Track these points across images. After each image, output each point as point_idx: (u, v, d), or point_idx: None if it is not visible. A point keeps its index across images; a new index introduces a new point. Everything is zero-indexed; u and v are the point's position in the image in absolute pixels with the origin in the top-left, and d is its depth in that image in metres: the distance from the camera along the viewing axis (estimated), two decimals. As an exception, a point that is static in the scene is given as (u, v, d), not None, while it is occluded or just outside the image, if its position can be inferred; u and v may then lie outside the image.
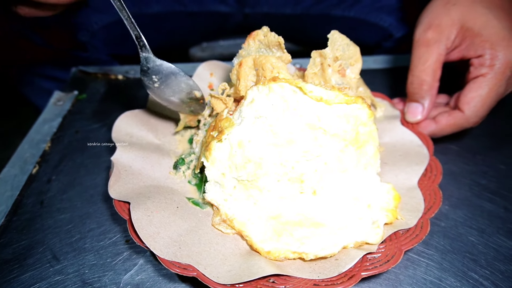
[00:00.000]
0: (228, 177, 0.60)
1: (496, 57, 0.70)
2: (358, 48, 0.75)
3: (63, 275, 0.59)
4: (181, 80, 0.68)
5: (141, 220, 0.56)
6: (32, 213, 0.69)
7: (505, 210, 0.69)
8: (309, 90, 0.60)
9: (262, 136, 0.59)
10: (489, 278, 0.59)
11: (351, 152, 0.62)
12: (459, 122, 0.74)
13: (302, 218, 0.61)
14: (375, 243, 0.57)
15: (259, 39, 0.72)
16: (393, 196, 0.63)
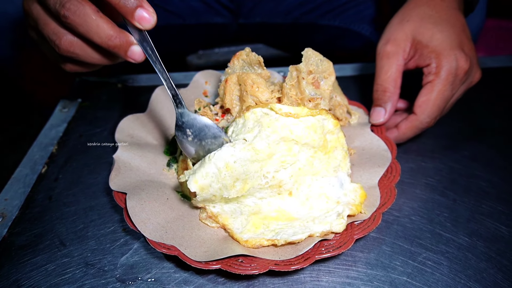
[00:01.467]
0: (218, 198, 0.68)
1: (440, 65, 0.80)
2: (331, 63, 0.84)
3: (69, 257, 0.70)
4: (213, 132, 0.70)
5: (134, 208, 0.67)
6: (42, 206, 0.80)
7: (454, 202, 0.79)
8: (279, 109, 0.69)
9: (246, 155, 0.67)
10: (432, 258, 0.68)
11: (321, 157, 0.72)
12: (414, 124, 0.83)
13: (279, 214, 0.70)
14: (339, 231, 0.67)
15: (242, 59, 0.83)
16: (360, 194, 0.72)
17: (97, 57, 0.71)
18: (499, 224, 0.74)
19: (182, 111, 0.71)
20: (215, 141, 0.71)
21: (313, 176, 0.72)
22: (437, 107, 0.81)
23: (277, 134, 0.68)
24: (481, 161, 0.88)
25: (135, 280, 0.66)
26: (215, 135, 0.70)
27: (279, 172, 0.69)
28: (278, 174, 0.69)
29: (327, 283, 0.65)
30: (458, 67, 0.80)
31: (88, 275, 0.67)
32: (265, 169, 0.68)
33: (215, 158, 0.66)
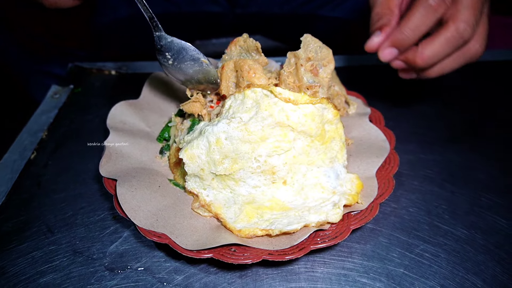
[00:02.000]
0: (206, 172, 0.67)
1: None
2: (331, 51, 0.82)
3: (56, 245, 0.68)
4: (191, 54, 0.71)
5: (125, 195, 0.65)
6: (30, 193, 0.77)
7: (452, 194, 0.77)
8: (279, 93, 0.67)
9: (238, 134, 0.66)
10: (430, 250, 0.67)
11: (317, 146, 0.70)
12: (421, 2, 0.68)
13: (273, 204, 0.69)
14: (335, 221, 0.65)
15: (239, 45, 0.81)
16: (356, 184, 0.70)
17: None
18: (498, 217, 0.72)
19: (160, 34, 0.71)
20: (194, 63, 0.72)
21: (309, 166, 0.70)
22: None
23: (273, 118, 0.66)
24: (481, 154, 0.86)
25: (124, 269, 0.64)
26: (193, 57, 0.71)
27: (272, 157, 0.67)
28: (271, 160, 0.67)
29: (322, 274, 0.63)
30: None
31: (76, 263, 0.65)
32: (257, 152, 0.66)
33: (207, 133, 0.66)
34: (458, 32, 0.69)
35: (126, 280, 0.62)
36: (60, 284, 0.62)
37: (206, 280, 0.62)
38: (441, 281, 0.62)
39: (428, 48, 0.70)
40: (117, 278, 0.62)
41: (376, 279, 0.62)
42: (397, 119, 0.96)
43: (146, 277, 0.62)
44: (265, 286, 0.61)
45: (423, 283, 0.62)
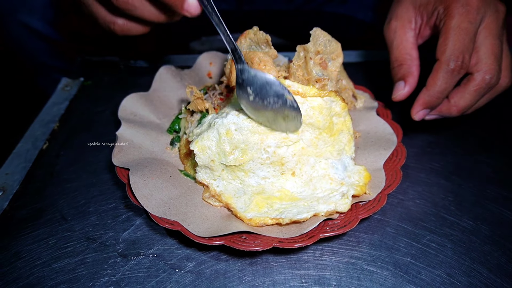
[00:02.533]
0: (217, 163, 0.69)
1: (447, 5, 0.74)
2: (340, 44, 0.83)
3: (70, 232, 0.69)
4: (276, 89, 0.63)
5: (137, 183, 0.66)
6: (43, 182, 0.79)
7: (458, 186, 0.78)
8: (288, 85, 0.68)
9: (247, 125, 0.67)
10: (436, 240, 0.68)
11: (325, 138, 0.71)
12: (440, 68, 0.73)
13: (282, 194, 0.70)
14: (344, 211, 0.66)
15: (249, 37, 0.82)
16: (364, 176, 0.71)
17: (154, 12, 0.69)
18: (503, 208, 0.73)
19: (242, 67, 0.65)
20: (278, 99, 0.63)
21: (317, 158, 0.71)
22: (457, 41, 0.71)
23: None
24: (486, 148, 0.87)
25: (137, 256, 0.65)
26: (278, 93, 0.63)
27: (281, 148, 0.68)
28: (280, 151, 0.68)
29: (330, 262, 0.64)
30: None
31: (89, 249, 0.66)
32: (266, 143, 0.67)
33: (217, 124, 0.67)
34: (485, 82, 0.73)
35: (138, 266, 0.64)
36: (74, 269, 0.63)
37: (217, 267, 0.64)
38: (447, 270, 0.63)
39: (461, 100, 0.76)
40: (129, 264, 0.64)
41: (384, 268, 0.63)
42: (404, 113, 0.97)
43: (158, 264, 0.64)
44: (275, 273, 0.63)
45: (429, 271, 0.63)
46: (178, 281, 0.61)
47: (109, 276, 0.62)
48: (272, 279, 0.62)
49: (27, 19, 1.30)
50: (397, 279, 0.62)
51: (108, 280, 0.62)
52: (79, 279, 0.62)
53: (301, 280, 0.62)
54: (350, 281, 0.62)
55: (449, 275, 0.62)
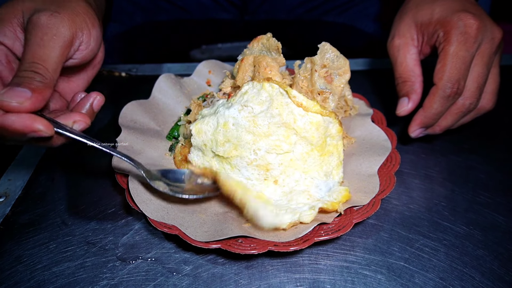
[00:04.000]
0: (208, 148, 0.71)
1: (446, 30, 0.77)
2: (348, 62, 0.84)
3: (70, 236, 0.71)
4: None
5: (136, 189, 0.68)
6: (45, 187, 0.81)
7: (452, 192, 0.79)
8: (293, 95, 0.70)
9: (245, 123, 0.69)
10: (430, 245, 0.69)
11: (315, 156, 0.72)
12: (436, 93, 0.77)
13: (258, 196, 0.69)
14: (307, 222, 0.65)
15: (262, 42, 0.85)
16: (343, 196, 0.69)
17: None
18: (496, 214, 0.74)
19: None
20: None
21: (303, 174, 0.72)
22: (455, 69, 0.75)
23: (281, 118, 0.69)
24: (480, 154, 0.89)
25: (135, 259, 0.66)
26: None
27: (270, 154, 0.70)
28: (269, 156, 0.70)
29: (325, 266, 0.65)
30: (465, 25, 0.75)
31: (89, 253, 0.67)
32: (257, 145, 0.69)
33: (219, 114, 0.70)
34: (465, 107, 0.80)
35: (137, 270, 0.65)
36: (74, 273, 0.65)
37: (213, 270, 0.65)
38: (440, 274, 0.64)
39: (444, 121, 0.82)
40: (128, 267, 0.65)
41: (378, 271, 0.65)
42: (399, 121, 0.99)
43: (156, 267, 0.65)
44: (271, 276, 0.64)
45: (423, 275, 0.64)
46: (175, 285, 0.63)
47: (108, 279, 0.64)
48: (268, 282, 0.63)
49: None
50: (391, 283, 0.63)
51: (107, 283, 0.63)
52: (78, 283, 0.63)
53: (296, 284, 0.63)
54: (345, 285, 0.63)
55: (442, 279, 0.63)
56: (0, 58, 0.64)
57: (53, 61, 0.62)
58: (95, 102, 0.68)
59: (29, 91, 0.56)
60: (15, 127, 0.55)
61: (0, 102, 0.54)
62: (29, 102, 0.56)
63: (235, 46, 1.73)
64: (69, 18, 0.65)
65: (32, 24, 0.62)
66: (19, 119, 0.55)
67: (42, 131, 0.57)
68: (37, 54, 0.60)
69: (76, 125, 0.64)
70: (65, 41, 0.64)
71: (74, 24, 0.66)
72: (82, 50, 0.70)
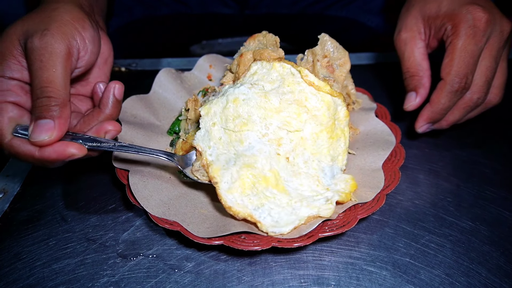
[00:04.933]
0: (217, 127, 0.68)
1: (454, 23, 0.76)
2: (347, 53, 0.84)
3: (70, 233, 0.69)
4: None
5: (137, 184, 0.67)
6: (44, 183, 0.79)
7: (457, 187, 0.78)
8: (305, 74, 0.70)
9: (256, 99, 0.69)
10: (435, 241, 0.68)
11: (325, 138, 0.71)
12: (444, 88, 0.76)
13: (272, 176, 0.67)
14: (327, 216, 0.64)
15: (258, 39, 0.84)
16: (351, 184, 0.69)
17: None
18: (502, 209, 0.73)
19: None
20: None
21: (312, 155, 0.71)
22: (463, 63, 0.74)
23: (293, 96, 0.69)
24: (485, 149, 0.87)
25: (136, 256, 0.65)
26: None
27: (281, 130, 0.69)
28: (280, 131, 0.69)
29: (329, 262, 0.64)
30: (474, 18, 0.74)
31: (89, 250, 0.66)
32: (269, 120, 0.68)
33: (228, 93, 0.69)
34: (473, 101, 0.78)
35: (138, 267, 0.64)
36: (74, 270, 0.63)
37: (216, 267, 0.64)
38: (446, 270, 0.63)
39: (451, 116, 0.81)
40: (129, 264, 0.64)
41: (383, 268, 0.63)
42: (403, 115, 0.97)
43: (158, 264, 0.64)
44: (274, 273, 0.63)
45: (428, 271, 0.63)
46: (177, 281, 0.62)
47: (109, 276, 0.62)
48: (271, 279, 0.62)
49: None
50: (396, 279, 0.62)
51: (108, 280, 0.62)
52: (78, 280, 0.62)
53: (300, 280, 0.62)
54: (349, 281, 0.62)
55: (448, 275, 0.62)
56: (18, 93, 0.64)
57: (60, 79, 0.62)
58: (116, 92, 0.68)
59: (51, 121, 0.60)
60: (52, 158, 0.60)
61: (33, 142, 0.59)
62: (56, 132, 0.60)
63: (235, 41, 1.72)
64: (59, 31, 0.64)
65: (29, 49, 0.62)
66: (54, 150, 0.60)
67: (76, 154, 0.61)
68: (43, 78, 0.61)
69: (109, 135, 0.66)
70: (63, 55, 0.64)
71: (65, 35, 0.65)
72: (82, 56, 0.69)
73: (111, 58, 0.81)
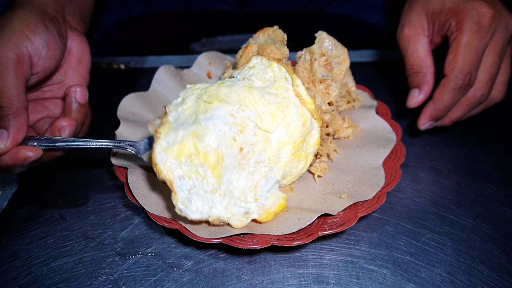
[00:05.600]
0: (193, 97, 0.66)
1: (459, 19, 0.74)
2: (346, 49, 0.83)
3: (68, 231, 0.69)
4: None
5: (136, 182, 0.66)
6: (42, 181, 0.79)
7: (458, 185, 0.78)
8: (296, 84, 0.69)
9: (240, 88, 0.67)
10: (436, 239, 0.67)
11: (288, 151, 0.68)
12: (447, 85, 0.75)
13: (214, 157, 0.62)
14: (234, 227, 0.62)
15: (268, 33, 0.83)
16: (279, 204, 0.66)
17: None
18: (504, 207, 0.73)
19: None
20: None
21: (268, 161, 0.68)
22: (467, 60, 0.73)
23: (276, 98, 0.68)
24: (486, 146, 0.87)
25: (135, 254, 0.65)
26: None
27: (248, 123, 0.66)
28: (249, 122, 0.66)
29: (329, 261, 0.64)
30: (479, 14, 0.73)
31: (88, 248, 0.66)
32: (243, 107, 0.66)
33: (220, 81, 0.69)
34: (476, 98, 0.77)
35: (136, 265, 0.63)
36: (73, 268, 0.63)
37: (215, 266, 0.63)
38: (447, 269, 0.63)
39: (454, 113, 0.80)
40: (128, 262, 0.64)
41: (383, 266, 0.63)
42: (404, 113, 0.97)
43: (157, 262, 0.64)
44: (274, 271, 0.62)
45: (429, 270, 0.62)
46: (176, 280, 0.61)
47: (107, 275, 0.62)
48: (271, 277, 0.62)
49: None
50: (397, 278, 0.61)
51: (106, 279, 0.62)
52: (77, 278, 0.62)
53: (300, 279, 0.61)
54: (349, 280, 0.61)
55: (449, 274, 0.62)
56: None
57: (12, 88, 0.62)
58: (78, 96, 0.68)
59: (4, 131, 0.60)
60: (9, 163, 0.61)
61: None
62: (10, 140, 0.60)
63: (235, 39, 1.71)
64: (7, 40, 0.64)
65: None
66: (8, 156, 0.60)
67: (31, 156, 0.61)
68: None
69: (63, 132, 0.66)
70: (13, 64, 0.63)
71: (13, 44, 0.64)
72: (36, 62, 0.68)
73: (87, 57, 0.80)
